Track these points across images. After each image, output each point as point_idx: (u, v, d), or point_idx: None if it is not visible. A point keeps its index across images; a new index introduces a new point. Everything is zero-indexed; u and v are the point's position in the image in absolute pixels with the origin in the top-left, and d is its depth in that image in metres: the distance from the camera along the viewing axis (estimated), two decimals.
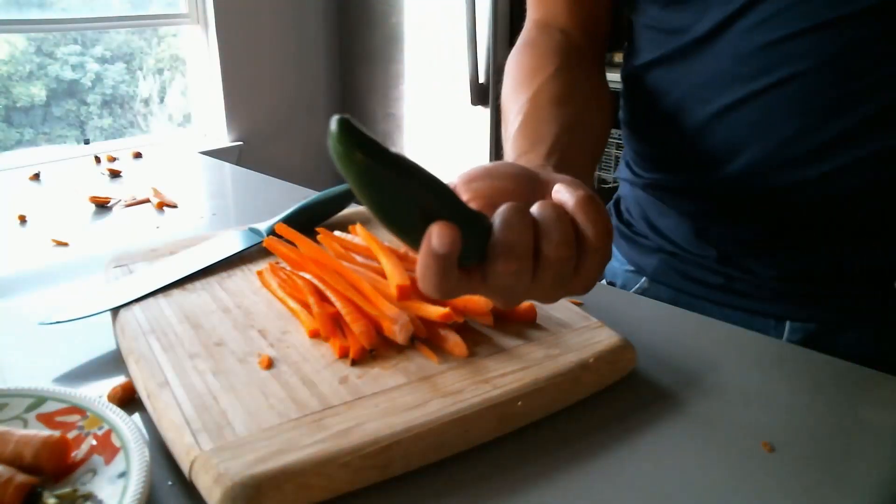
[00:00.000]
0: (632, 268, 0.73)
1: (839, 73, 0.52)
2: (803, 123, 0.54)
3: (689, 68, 0.60)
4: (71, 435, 0.39)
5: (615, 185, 2.15)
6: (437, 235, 0.33)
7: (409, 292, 0.49)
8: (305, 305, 0.50)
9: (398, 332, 0.46)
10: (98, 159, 1.12)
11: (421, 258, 0.34)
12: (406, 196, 0.34)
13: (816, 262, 0.61)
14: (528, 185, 0.40)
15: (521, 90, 0.57)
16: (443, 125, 2.60)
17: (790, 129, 0.55)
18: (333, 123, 0.32)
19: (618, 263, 0.76)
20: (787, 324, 0.63)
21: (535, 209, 0.36)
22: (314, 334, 0.48)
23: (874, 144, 0.53)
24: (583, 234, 0.37)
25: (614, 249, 0.76)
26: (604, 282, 0.77)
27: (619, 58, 1.22)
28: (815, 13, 0.51)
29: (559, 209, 0.36)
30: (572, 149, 0.50)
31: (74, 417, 0.41)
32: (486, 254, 0.36)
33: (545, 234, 0.35)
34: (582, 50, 0.64)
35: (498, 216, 0.35)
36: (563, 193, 0.38)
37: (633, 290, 0.72)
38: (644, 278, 0.71)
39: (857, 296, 0.60)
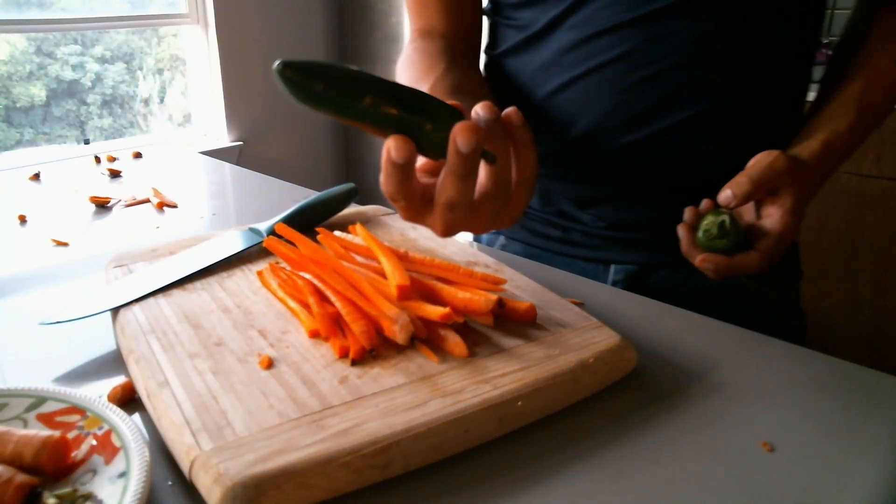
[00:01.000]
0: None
1: (637, 61, 0.65)
2: (614, 101, 0.67)
3: (531, 57, 0.73)
4: (71, 435, 0.39)
5: None
6: (394, 148, 0.40)
7: (409, 292, 0.49)
8: (305, 305, 0.51)
9: (398, 332, 0.46)
10: (98, 159, 1.12)
11: (384, 166, 0.41)
12: (364, 112, 0.40)
13: (635, 213, 0.72)
14: None
15: (418, 85, 0.63)
16: None
17: (605, 106, 0.67)
18: (275, 75, 0.38)
19: None
20: (612, 267, 0.74)
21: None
22: (314, 334, 0.48)
23: (671, 118, 0.66)
24: (517, 166, 0.43)
25: None
26: (470, 238, 0.89)
27: None
28: (618, 15, 0.65)
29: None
30: None
31: (74, 417, 0.41)
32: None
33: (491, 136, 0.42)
34: (462, 51, 0.75)
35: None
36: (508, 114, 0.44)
37: (496, 247, 0.83)
38: (502, 236, 0.84)
39: (668, 242, 0.68)
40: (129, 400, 0.45)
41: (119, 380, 0.47)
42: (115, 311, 0.53)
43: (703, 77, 0.65)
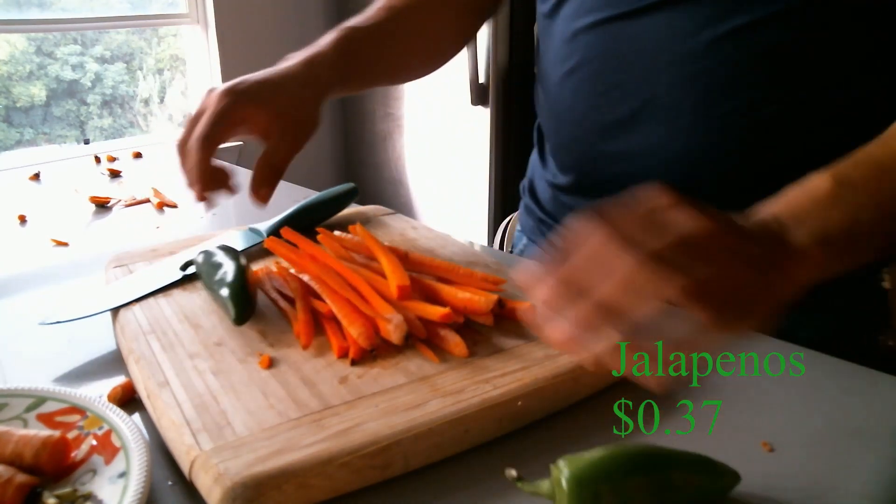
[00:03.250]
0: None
1: (608, 65, 0.59)
2: (594, 103, 0.61)
3: (546, 39, 0.67)
4: (71, 435, 0.39)
5: None
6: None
7: (409, 292, 0.49)
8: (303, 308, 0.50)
9: (392, 332, 0.46)
10: (98, 159, 1.12)
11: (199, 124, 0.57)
12: None
13: None
14: None
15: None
16: (442, 125, 2.60)
17: (586, 106, 0.62)
18: None
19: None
20: None
21: None
22: (298, 335, 0.48)
23: (643, 134, 0.58)
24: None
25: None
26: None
27: None
28: (597, 11, 0.58)
29: None
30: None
31: (74, 417, 0.41)
32: None
33: None
34: None
35: None
36: None
37: (518, 248, 0.81)
38: (524, 237, 0.80)
39: None
40: (129, 400, 0.45)
41: (119, 380, 0.47)
42: (115, 311, 0.53)
43: (679, 90, 0.53)
